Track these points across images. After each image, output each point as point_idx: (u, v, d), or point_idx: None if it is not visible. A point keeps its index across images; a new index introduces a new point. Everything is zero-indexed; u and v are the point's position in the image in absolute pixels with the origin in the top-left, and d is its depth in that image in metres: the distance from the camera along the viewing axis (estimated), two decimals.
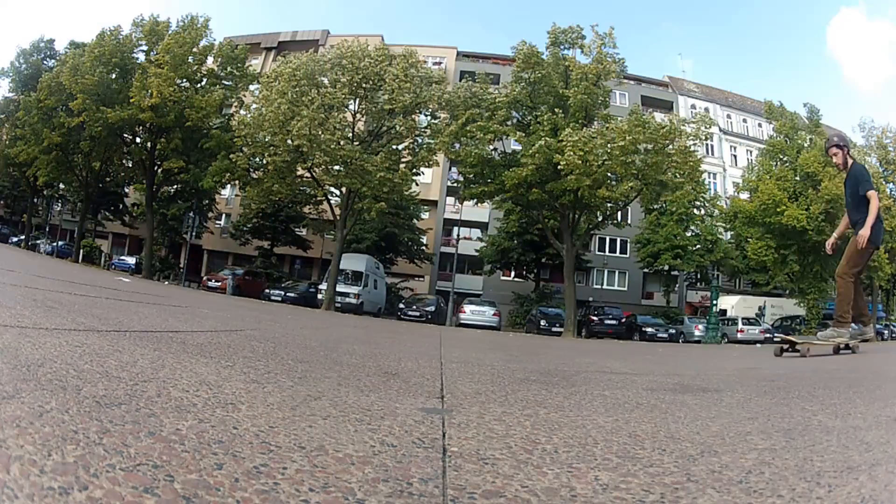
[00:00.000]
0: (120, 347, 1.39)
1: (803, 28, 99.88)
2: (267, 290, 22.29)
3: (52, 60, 30.33)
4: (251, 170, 21.69)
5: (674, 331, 23.94)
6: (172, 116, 21.99)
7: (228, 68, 23.90)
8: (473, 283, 35.01)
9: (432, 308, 21.03)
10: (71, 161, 26.84)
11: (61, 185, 31.78)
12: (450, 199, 35.20)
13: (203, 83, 23.72)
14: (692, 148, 18.33)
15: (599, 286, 36.71)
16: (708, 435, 1.00)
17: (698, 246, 27.66)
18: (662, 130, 17.25)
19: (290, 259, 36.10)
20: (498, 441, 0.87)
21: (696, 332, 23.38)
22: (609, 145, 16.86)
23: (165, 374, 1.14)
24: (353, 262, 22.15)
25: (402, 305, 22.03)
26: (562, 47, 19.29)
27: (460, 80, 22.33)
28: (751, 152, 36.90)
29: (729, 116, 40.63)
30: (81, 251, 29.54)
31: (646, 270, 32.59)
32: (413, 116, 20.08)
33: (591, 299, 32.78)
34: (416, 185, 24.01)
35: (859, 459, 0.86)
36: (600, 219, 22.07)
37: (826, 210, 21.67)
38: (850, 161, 4.93)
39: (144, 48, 24.23)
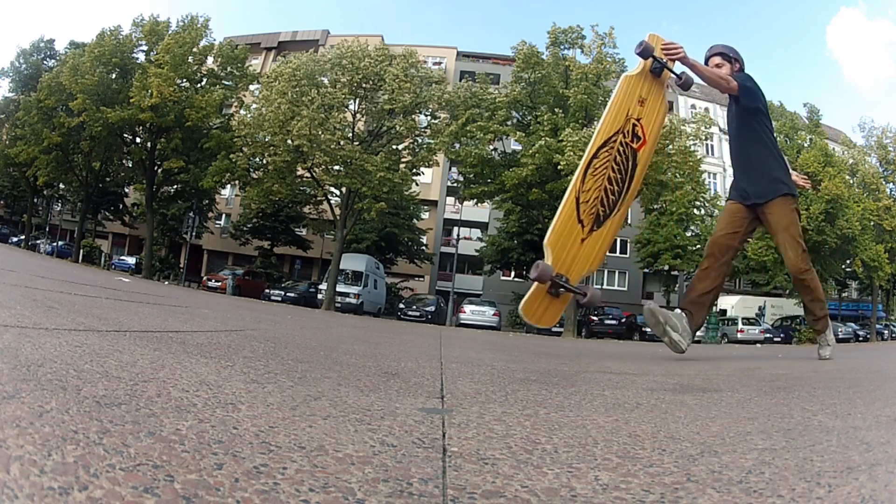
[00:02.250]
0: (120, 347, 1.39)
1: (803, 28, 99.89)
2: (267, 290, 22.29)
3: (52, 60, 30.35)
4: (251, 170, 21.71)
5: None
6: (172, 116, 22.00)
7: (228, 68, 23.91)
8: (473, 283, 35.01)
9: (432, 308, 21.04)
10: (71, 161, 26.85)
11: (61, 185, 31.78)
12: (450, 199, 35.21)
13: (203, 83, 23.74)
14: (692, 148, 18.35)
15: (599, 286, 36.73)
16: (708, 435, 1.00)
17: (698, 246, 27.66)
18: (662, 130, 17.25)
19: (290, 259, 36.10)
20: (498, 441, 0.87)
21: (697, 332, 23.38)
22: None
23: (165, 374, 1.14)
24: (353, 262, 22.16)
25: (402, 305, 22.04)
26: (562, 47, 19.30)
27: (460, 80, 22.32)
28: None
29: None
30: (81, 251, 29.55)
31: (646, 270, 32.58)
32: (413, 116, 20.08)
33: None
34: (416, 185, 24.03)
35: (859, 459, 0.86)
36: None
37: (826, 210, 21.67)
38: None
39: (144, 48, 24.25)
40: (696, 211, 28.17)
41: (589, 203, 3.18)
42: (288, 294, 21.58)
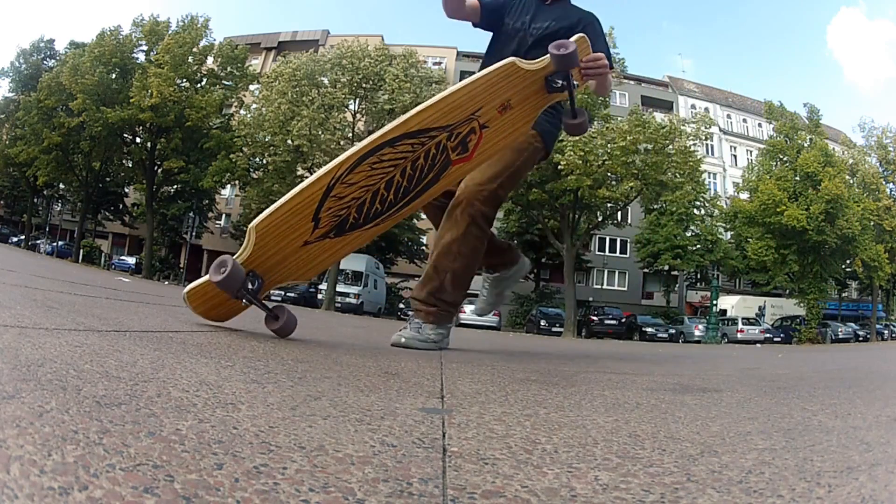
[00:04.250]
0: (120, 347, 1.39)
1: (803, 28, 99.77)
2: None
3: (52, 60, 30.38)
4: (251, 170, 21.74)
5: (674, 331, 23.96)
6: (172, 116, 22.04)
7: (228, 68, 23.95)
8: (474, 283, 34.93)
9: None
10: (71, 161, 26.90)
11: (61, 185, 31.82)
12: None
13: (203, 83, 23.79)
14: (692, 148, 18.38)
15: (599, 286, 36.70)
16: (708, 435, 1.00)
17: (698, 246, 27.69)
18: (662, 130, 17.29)
19: None
20: (498, 441, 0.87)
21: (696, 332, 23.40)
22: (609, 145, 16.90)
23: (165, 374, 1.14)
24: (353, 262, 22.17)
25: (402, 305, 22.06)
26: None
27: (460, 80, 22.36)
28: (751, 152, 36.92)
29: (729, 116, 40.66)
30: (81, 251, 29.58)
31: (646, 270, 32.57)
32: None
33: (591, 299, 32.76)
34: None
35: (859, 459, 0.87)
36: (600, 219, 22.10)
37: (826, 210, 21.69)
38: None
39: (144, 48, 24.31)
40: (695, 211, 28.21)
41: (343, 201, 2.11)
42: (288, 294, 21.56)
